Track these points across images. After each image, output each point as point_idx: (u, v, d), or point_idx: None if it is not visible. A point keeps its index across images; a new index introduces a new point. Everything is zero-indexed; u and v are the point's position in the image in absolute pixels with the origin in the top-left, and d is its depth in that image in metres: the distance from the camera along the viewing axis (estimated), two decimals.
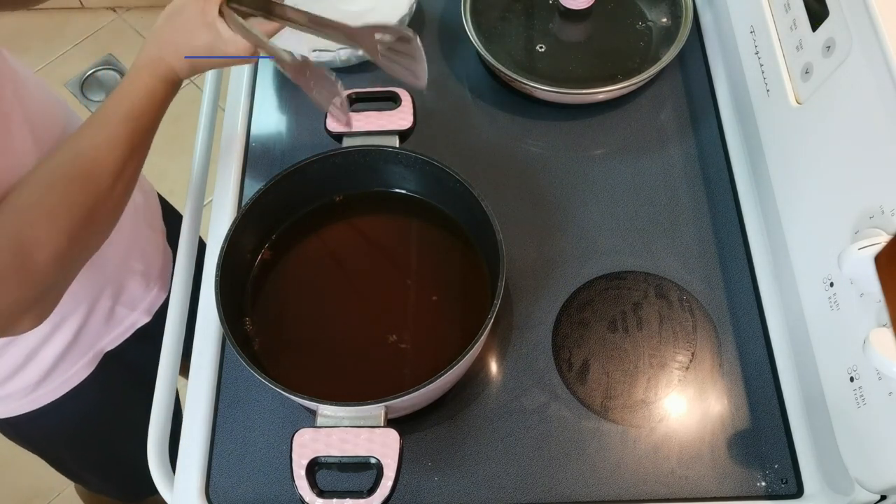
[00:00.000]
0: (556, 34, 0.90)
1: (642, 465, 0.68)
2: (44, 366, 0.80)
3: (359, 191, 0.76)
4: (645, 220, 0.80)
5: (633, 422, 0.70)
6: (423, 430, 0.70)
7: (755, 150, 0.78)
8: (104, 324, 0.84)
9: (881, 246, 0.52)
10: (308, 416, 0.67)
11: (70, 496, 1.55)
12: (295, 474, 0.57)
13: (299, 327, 0.71)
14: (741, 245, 0.78)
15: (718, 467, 0.67)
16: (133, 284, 0.86)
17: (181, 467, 0.70)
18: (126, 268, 0.85)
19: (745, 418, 0.69)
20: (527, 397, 0.71)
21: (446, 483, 0.68)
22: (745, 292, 0.75)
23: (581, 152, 0.85)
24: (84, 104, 2.17)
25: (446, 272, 0.73)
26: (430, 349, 0.69)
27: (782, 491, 0.66)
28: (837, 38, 0.60)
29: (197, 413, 0.72)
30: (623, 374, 0.72)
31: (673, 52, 0.85)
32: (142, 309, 0.89)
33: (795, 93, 0.68)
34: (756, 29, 0.75)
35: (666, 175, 0.83)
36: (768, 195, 0.74)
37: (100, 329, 0.84)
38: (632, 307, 0.75)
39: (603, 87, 0.84)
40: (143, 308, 0.90)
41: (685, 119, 0.87)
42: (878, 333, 0.51)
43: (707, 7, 0.92)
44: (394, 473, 0.57)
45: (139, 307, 0.89)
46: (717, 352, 0.73)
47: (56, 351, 0.80)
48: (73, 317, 0.80)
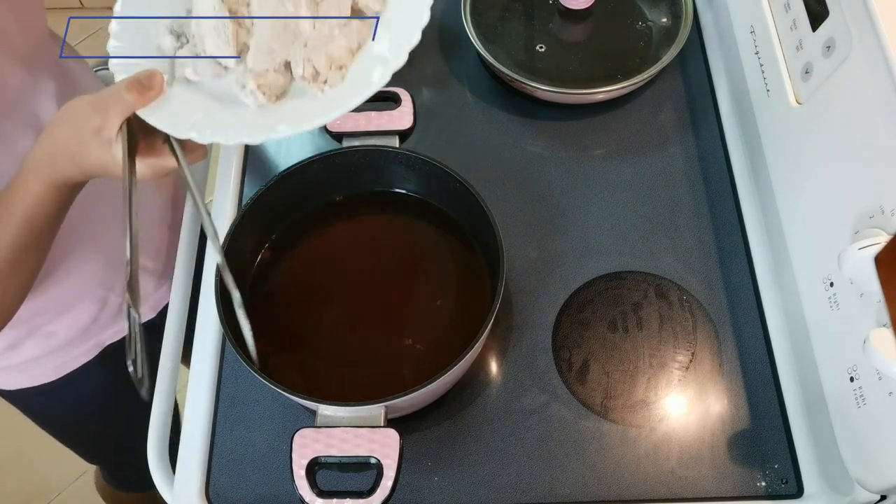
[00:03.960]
0: (556, 34, 0.90)
1: (642, 465, 0.68)
2: (43, 346, 0.81)
3: (359, 191, 0.76)
4: (645, 220, 0.80)
5: (633, 422, 0.70)
6: (423, 430, 0.70)
7: (755, 150, 0.78)
8: (111, 319, 0.85)
9: (881, 246, 0.52)
10: (308, 416, 0.67)
11: (70, 496, 1.55)
12: (295, 474, 0.57)
13: (299, 327, 0.71)
14: (741, 245, 0.78)
15: (718, 467, 0.67)
16: (144, 283, 0.87)
17: (181, 467, 0.70)
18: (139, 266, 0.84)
19: (745, 418, 0.69)
20: (527, 397, 0.71)
21: (446, 483, 0.68)
22: (745, 292, 0.75)
23: (581, 152, 0.85)
24: None
25: (446, 272, 0.73)
26: (430, 349, 0.69)
27: (782, 491, 0.66)
28: (837, 38, 0.60)
29: (197, 413, 0.72)
30: (623, 374, 0.72)
31: (673, 52, 0.85)
32: (149, 306, 0.90)
33: (795, 93, 0.68)
34: (756, 29, 0.75)
35: (666, 175, 0.83)
36: (768, 195, 0.74)
37: (106, 324, 0.85)
38: (632, 307, 0.75)
39: (603, 87, 0.84)
40: (151, 305, 0.90)
41: (685, 119, 0.87)
42: (878, 333, 0.51)
43: (707, 7, 0.92)
44: (394, 473, 0.57)
45: (147, 303, 0.89)
46: (717, 352, 0.73)
47: (57, 340, 0.81)
48: (81, 312, 0.80)
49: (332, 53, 0.56)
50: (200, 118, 0.56)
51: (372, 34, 0.57)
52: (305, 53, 0.57)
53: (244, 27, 0.58)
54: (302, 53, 0.57)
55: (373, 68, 0.55)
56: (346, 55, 0.57)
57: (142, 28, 0.60)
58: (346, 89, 0.56)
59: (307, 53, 0.56)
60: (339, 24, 0.57)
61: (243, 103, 0.57)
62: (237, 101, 0.57)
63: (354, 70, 0.57)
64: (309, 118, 0.55)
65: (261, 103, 0.56)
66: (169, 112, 0.56)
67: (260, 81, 0.56)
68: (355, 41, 0.57)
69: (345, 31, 0.57)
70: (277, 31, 0.57)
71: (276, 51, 0.57)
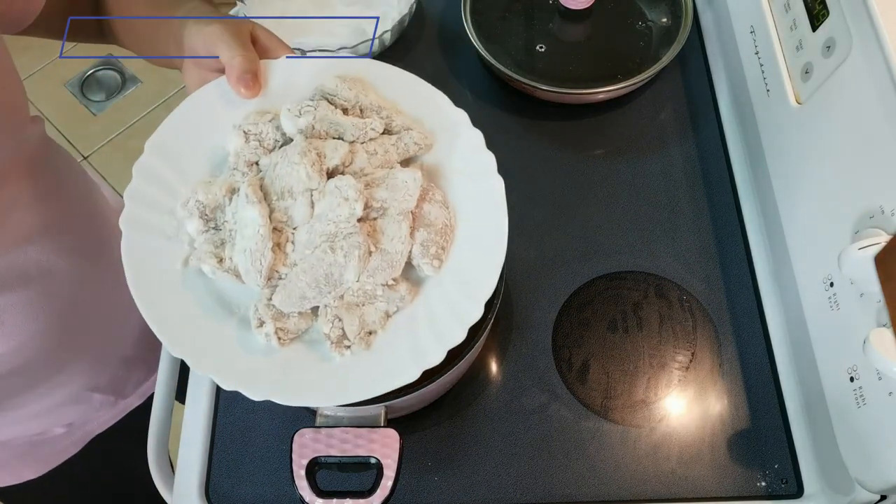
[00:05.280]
0: (556, 34, 0.90)
1: (642, 465, 0.68)
2: (26, 446, 0.79)
3: None
4: (645, 220, 0.80)
5: (633, 422, 0.70)
6: (423, 430, 0.70)
7: (755, 150, 0.78)
8: (95, 412, 0.83)
9: (881, 246, 0.52)
10: (308, 416, 0.67)
11: None
12: (295, 474, 0.57)
13: None
14: (741, 245, 0.78)
15: (718, 467, 0.67)
16: (137, 373, 0.85)
17: (181, 467, 0.70)
18: (127, 358, 0.83)
19: (745, 418, 0.69)
20: (527, 397, 0.71)
21: (446, 483, 0.68)
22: (745, 292, 0.75)
23: (581, 152, 0.85)
24: (84, 104, 2.18)
25: None
26: None
27: (782, 491, 0.66)
28: (837, 38, 0.60)
29: (197, 413, 0.72)
30: (623, 374, 0.72)
31: (673, 52, 0.85)
32: (139, 394, 0.87)
33: (795, 93, 0.68)
34: (756, 29, 0.75)
35: (666, 175, 0.83)
36: (768, 195, 0.74)
37: (93, 417, 0.83)
38: (632, 307, 0.75)
39: (603, 87, 0.84)
40: (141, 392, 0.87)
41: (685, 119, 0.87)
42: (878, 333, 0.51)
43: (707, 7, 0.92)
44: (394, 473, 0.57)
45: (138, 391, 0.87)
46: (717, 352, 0.73)
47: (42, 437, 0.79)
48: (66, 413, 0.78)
49: (367, 318, 0.52)
50: (196, 330, 0.52)
51: (416, 299, 0.53)
52: (337, 311, 0.51)
53: (285, 264, 0.52)
54: (333, 308, 0.51)
55: (403, 351, 0.51)
56: (380, 321, 0.52)
57: (169, 187, 0.54)
58: (367, 364, 0.51)
59: (339, 311, 0.51)
60: (385, 283, 0.52)
61: (245, 316, 0.52)
62: (238, 317, 0.53)
63: (382, 339, 0.52)
64: (309, 394, 0.51)
65: (272, 347, 0.51)
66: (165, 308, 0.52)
67: (279, 325, 0.51)
68: (395, 307, 0.53)
69: (388, 293, 0.52)
70: (317, 281, 0.51)
71: (309, 299, 0.51)
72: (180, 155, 0.55)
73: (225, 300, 0.53)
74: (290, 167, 0.52)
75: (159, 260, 0.53)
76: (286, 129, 0.55)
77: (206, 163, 0.56)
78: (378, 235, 0.53)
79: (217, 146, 0.56)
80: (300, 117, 0.54)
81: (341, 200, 0.51)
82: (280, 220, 0.52)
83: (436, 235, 0.54)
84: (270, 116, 0.56)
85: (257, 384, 0.51)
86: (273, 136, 0.55)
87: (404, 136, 0.56)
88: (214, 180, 0.55)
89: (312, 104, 0.55)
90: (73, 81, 2.20)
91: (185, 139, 0.56)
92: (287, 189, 0.52)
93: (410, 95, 0.58)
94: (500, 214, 0.55)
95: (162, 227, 0.54)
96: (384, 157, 0.55)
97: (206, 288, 0.53)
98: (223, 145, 0.55)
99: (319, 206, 0.52)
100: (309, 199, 0.52)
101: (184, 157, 0.55)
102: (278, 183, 0.52)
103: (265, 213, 0.51)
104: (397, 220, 0.53)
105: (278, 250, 0.52)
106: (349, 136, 0.55)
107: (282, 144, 0.55)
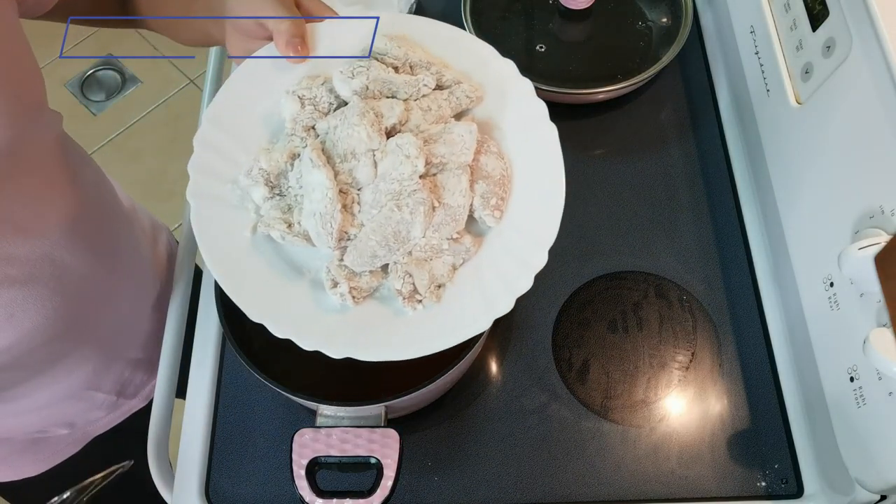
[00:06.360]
0: (556, 34, 0.90)
1: (642, 465, 0.68)
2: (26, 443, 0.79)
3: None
4: (645, 220, 0.80)
5: (633, 422, 0.70)
6: (423, 430, 0.70)
7: (755, 150, 0.78)
8: (99, 412, 0.83)
9: (881, 246, 0.52)
10: (308, 416, 0.67)
11: None
12: (295, 474, 0.57)
13: None
14: (741, 245, 0.78)
15: (718, 467, 0.67)
16: (141, 375, 0.84)
17: (181, 467, 0.70)
18: (132, 360, 0.82)
19: (745, 418, 0.69)
20: (527, 397, 0.71)
21: (446, 483, 0.68)
22: (745, 292, 0.75)
23: (581, 152, 0.85)
24: (84, 104, 2.18)
25: None
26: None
27: (782, 491, 0.66)
28: (837, 38, 0.60)
29: (197, 413, 0.72)
30: (623, 374, 0.72)
31: (673, 52, 0.85)
32: (142, 396, 0.87)
33: (795, 93, 0.68)
34: (756, 29, 0.75)
35: (666, 175, 0.83)
36: (768, 195, 0.74)
37: (95, 418, 0.83)
38: (632, 307, 0.75)
39: (603, 87, 0.83)
40: (144, 395, 0.87)
41: (685, 119, 0.87)
42: (878, 333, 0.51)
43: (707, 7, 0.92)
44: (394, 473, 0.57)
45: (140, 394, 0.86)
46: (717, 352, 0.73)
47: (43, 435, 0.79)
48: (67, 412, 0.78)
49: (435, 272, 0.53)
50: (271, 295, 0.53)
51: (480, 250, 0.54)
52: (407, 266, 0.53)
53: (353, 225, 0.53)
54: (403, 265, 0.53)
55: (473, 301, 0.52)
56: (448, 273, 0.53)
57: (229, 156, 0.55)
58: (439, 317, 0.52)
59: (409, 267, 0.52)
60: (450, 237, 0.54)
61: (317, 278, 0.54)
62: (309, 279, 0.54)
63: (451, 291, 0.53)
64: (386, 349, 0.52)
65: (346, 306, 0.53)
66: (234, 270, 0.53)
67: (353, 284, 0.52)
68: (461, 259, 0.54)
69: (454, 247, 0.53)
70: (387, 239, 0.52)
71: (380, 257, 0.53)
72: (237, 125, 0.56)
73: (295, 264, 0.54)
74: (350, 129, 0.53)
75: (228, 229, 0.54)
76: (340, 92, 0.55)
77: (263, 130, 0.57)
78: (439, 191, 0.53)
79: (271, 113, 0.57)
80: (353, 79, 0.55)
81: (403, 158, 0.52)
82: (345, 181, 0.53)
83: (494, 186, 0.55)
84: (322, 80, 0.56)
85: (336, 342, 0.52)
86: (327, 99, 0.56)
87: (455, 90, 0.57)
88: (274, 147, 0.56)
89: (364, 65, 0.55)
90: (73, 81, 2.20)
91: (241, 109, 0.57)
92: (349, 151, 0.53)
93: (456, 49, 0.59)
94: (556, 160, 0.56)
95: (226, 196, 0.55)
96: (438, 112, 0.56)
97: (275, 253, 0.54)
98: (277, 112, 0.56)
99: (382, 166, 0.53)
100: (372, 159, 0.53)
101: (240, 126, 0.56)
102: (340, 145, 0.53)
103: (331, 175, 0.52)
104: (456, 174, 0.54)
105: (346, 212, 0.52)
106: (403, 94, 0.56)
107: (336, 107, 0.56)
